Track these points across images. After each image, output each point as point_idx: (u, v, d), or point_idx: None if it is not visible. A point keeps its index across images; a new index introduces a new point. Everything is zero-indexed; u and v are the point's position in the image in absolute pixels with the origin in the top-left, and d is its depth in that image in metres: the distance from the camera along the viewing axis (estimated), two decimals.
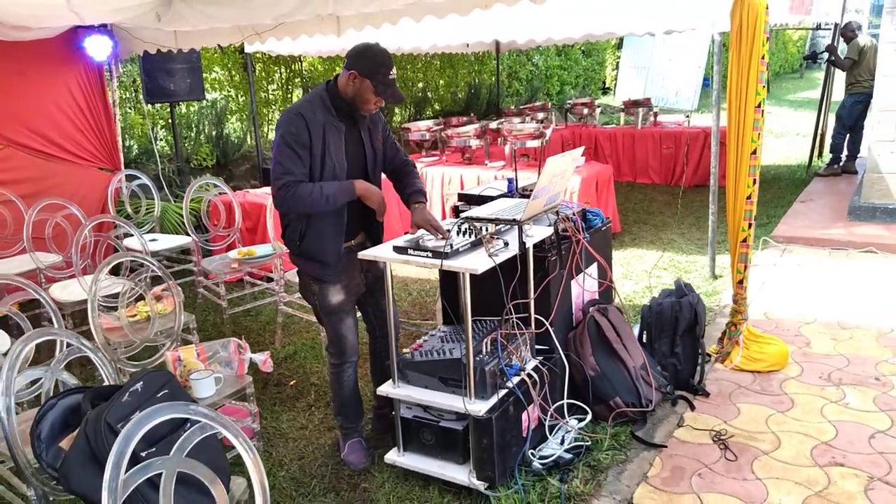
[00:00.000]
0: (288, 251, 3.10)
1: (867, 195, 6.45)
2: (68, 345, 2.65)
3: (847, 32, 8.25)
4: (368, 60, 2.85)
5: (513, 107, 11.12)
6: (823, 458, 3.03)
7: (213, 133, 8.55)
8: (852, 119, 8.31)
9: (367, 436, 3.39)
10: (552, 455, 3.05)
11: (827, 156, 9.00)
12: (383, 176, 3.19)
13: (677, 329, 3.65)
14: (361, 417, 3.30)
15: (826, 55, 8.93)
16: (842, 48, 8.61)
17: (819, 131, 9.40)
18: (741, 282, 3.87)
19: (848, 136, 8.46)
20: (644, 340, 3.78)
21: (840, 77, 8.92)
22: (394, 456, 3.08)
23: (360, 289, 3.15)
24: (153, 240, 5.35)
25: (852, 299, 4.79)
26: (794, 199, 7.51)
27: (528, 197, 2.95)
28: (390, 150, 3.17)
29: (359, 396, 3.26)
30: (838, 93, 9.03)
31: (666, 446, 3.18)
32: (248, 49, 7.24)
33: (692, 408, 3.49)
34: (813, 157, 9.32)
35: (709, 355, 3.97)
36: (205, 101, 8.32)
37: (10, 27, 4.52)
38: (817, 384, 3.68)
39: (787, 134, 12.42)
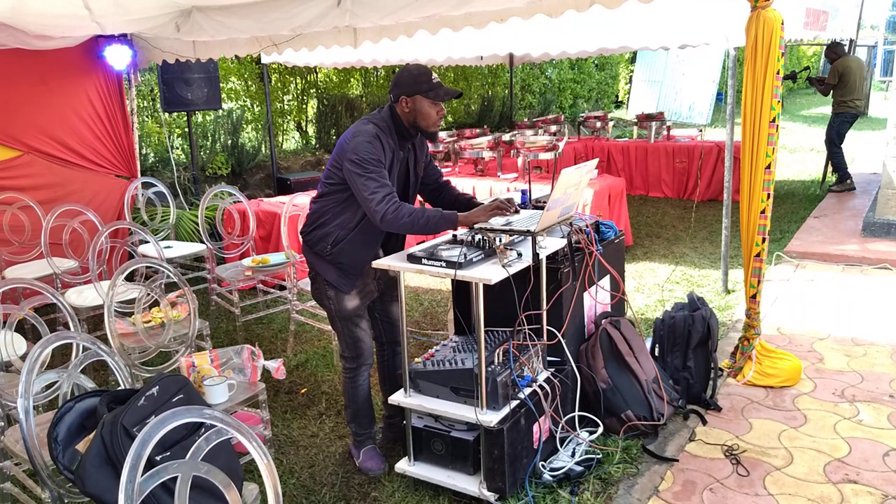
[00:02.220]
0: (306, 250, 3.12)
1: (882, 211, 6.41)
2: (85, 349, 2.68)
3: (830, 53, 8.24)
4: (407, 79, 2.94)
5: (526, 119, 11.16)
6: (836, 474, 3.01)
7: (229, 142, 8.63)
8: (842, 137, 8.29)
9: (378, 444, 3.40)
10: (563, 467, 3.05)
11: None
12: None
13: (690, 343, 3.64)
14: (374, 423, 3.32)
15: (806, 73, 8.95)
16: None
17: None
18: (754, 296, 3.86)
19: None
20: (656, 354, 3.78)
21: None
22: (404, 465, 3.09)
23: (373, 294, 3.20)
24: (168, 247, 5.40)
25: (866, 315, 4.76)
26: (807, 215, 7.48)
27: (541, 208, 2.96)
28: (433, 172, 3.29)
29: (371, 402, 3.29)
30: None
31: (677, 460, 3.17)
32: (265, 60, 7.33)
33: (704, 422, 3.48)
34: (826, 172, 9.28)
35: (721, 370, 3.95)
36: (221, 111, 8.41)
37: (33, 36, 4.60)
38: (830, 400, 3.66)
39: (801, 149, 12.39)
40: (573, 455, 3.14)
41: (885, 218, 6.38)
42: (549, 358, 3.29)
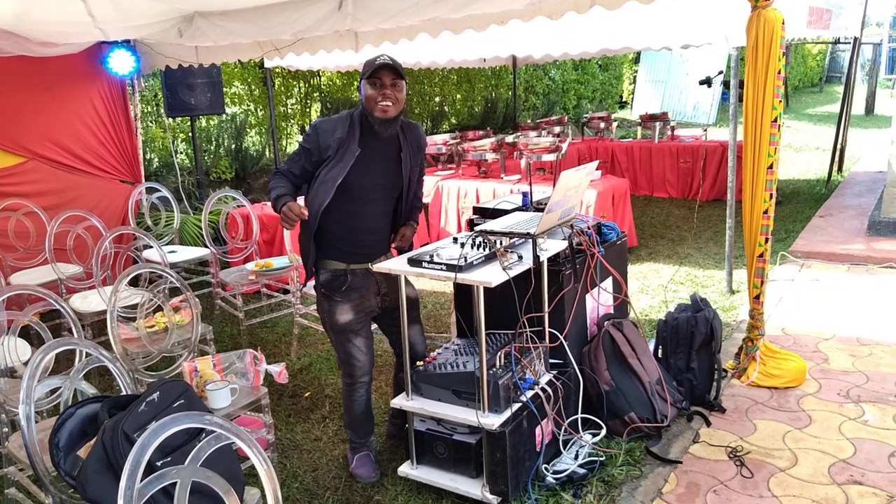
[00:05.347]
0: None
1: (887, 210, 6.38)
2: (87, 355, 2.69)
3: None
4: (362, 71, 2.95)
5: (529, 121, 11.15)
6: (841, 476, 2.99)
7: (233, 146, 8.67)
8: None
9: (381, 445, 3.40)
10: (566, 470, 3.04)
11: (847, 170, 8.92)
12: None
13: (693, 344, 3.63)
14: (371, 433, 3.29)
15: (720, 76, 8.87)
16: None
17: (838, 145, 9.33)
18: (758, 297, 3.85)
19: None
20: (659, 355, 3.77)
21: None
22: (407, 469, 3.09)
23: (372, 311, 3.13)
24: (172, 251, 5.41)
25: (871, 315, 4.73)
26: (812, 214, 7.44)
27: (542, 210, 2.96)
28: (415, 184, 3.15)
29: (370, 414, 3.24)
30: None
31: (681, 462, 3.16)
32: (268, 64, 7.35)
33: (708, 424, 3.47)
34: (832, 171, 9.25)
35: (725, 371, 3.94)
36: (225, 115, 8.44)
37: (37, 43, 4.63)
38: (835, 401, 3.64)
39: (807, 148, 12.34)
40: (576, 457, 3.13)
41: (890, 217, 6.34)
42: (551, 360, 3.28)
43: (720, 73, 8.85)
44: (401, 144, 3.01)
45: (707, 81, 8.56)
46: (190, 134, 7.64)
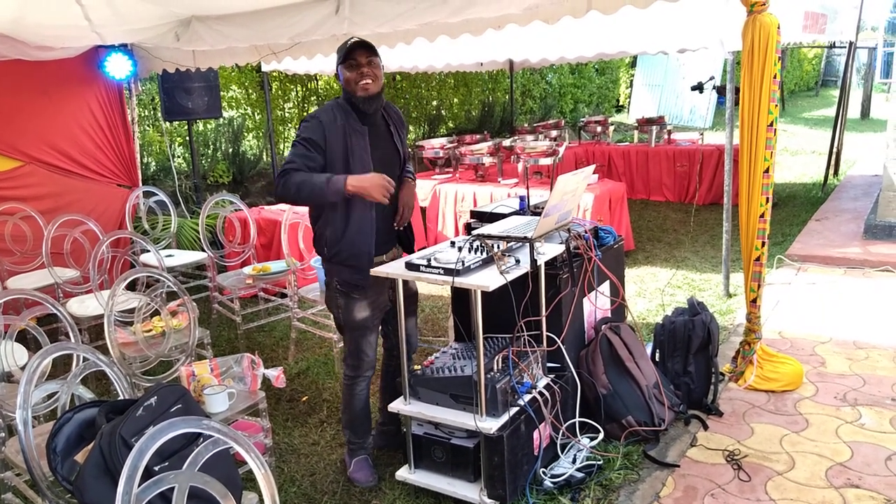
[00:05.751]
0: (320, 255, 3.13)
1: (883, 213, 6.40)
2: (84, 359, 2.69)
3: None
4: (337, 58, 2.97)
5: (526, 124, 11.16)
6: (839, 479, 3.00)
7: (230, 150, 8.65)
8: None
9: (373, 454, 3.39)
10: (564, 474, 3.04)
11: (843, 174, 8.94)
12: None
13: (690, 348, 3.63)
14: (369, 434, 3.30)
15: (711, 82, 8.88)
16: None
17: (835, 149, 9.36)
18: (755, 301, 3.85)
19: None
20: (657, 359, 3.77)
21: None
22: (404, 473, 3.09)
23: (386, 306, 3.17)
24: (169, 255, 5.41)
25: (868, 318, 4.74)
26: (809, 218, 7.46)
27: (539, 214, 2.97)
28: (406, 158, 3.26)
29: (369, 412, 3.27)
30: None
31: (678, 466, 3.16)
32: (265, 68, 7.35)
33: (705, 427, 3.47)
34: (828, 175, 9.28)
35: (722, 374, 3.94)
36: (222, 119, 8.43)
37: (34, 47, 4.63)
38: (832, 404, 3.65)
39: (803, 152, 12.37)
40: (574, 461, 3.13)
41: (886, 220, 6.36)
42: (548, 364, 3.28)
43: (711, 78, 8.90)
44: (388, 122, 3.11)
45: (699, 87, 8.58)
46: (187, 138, 7.62)
